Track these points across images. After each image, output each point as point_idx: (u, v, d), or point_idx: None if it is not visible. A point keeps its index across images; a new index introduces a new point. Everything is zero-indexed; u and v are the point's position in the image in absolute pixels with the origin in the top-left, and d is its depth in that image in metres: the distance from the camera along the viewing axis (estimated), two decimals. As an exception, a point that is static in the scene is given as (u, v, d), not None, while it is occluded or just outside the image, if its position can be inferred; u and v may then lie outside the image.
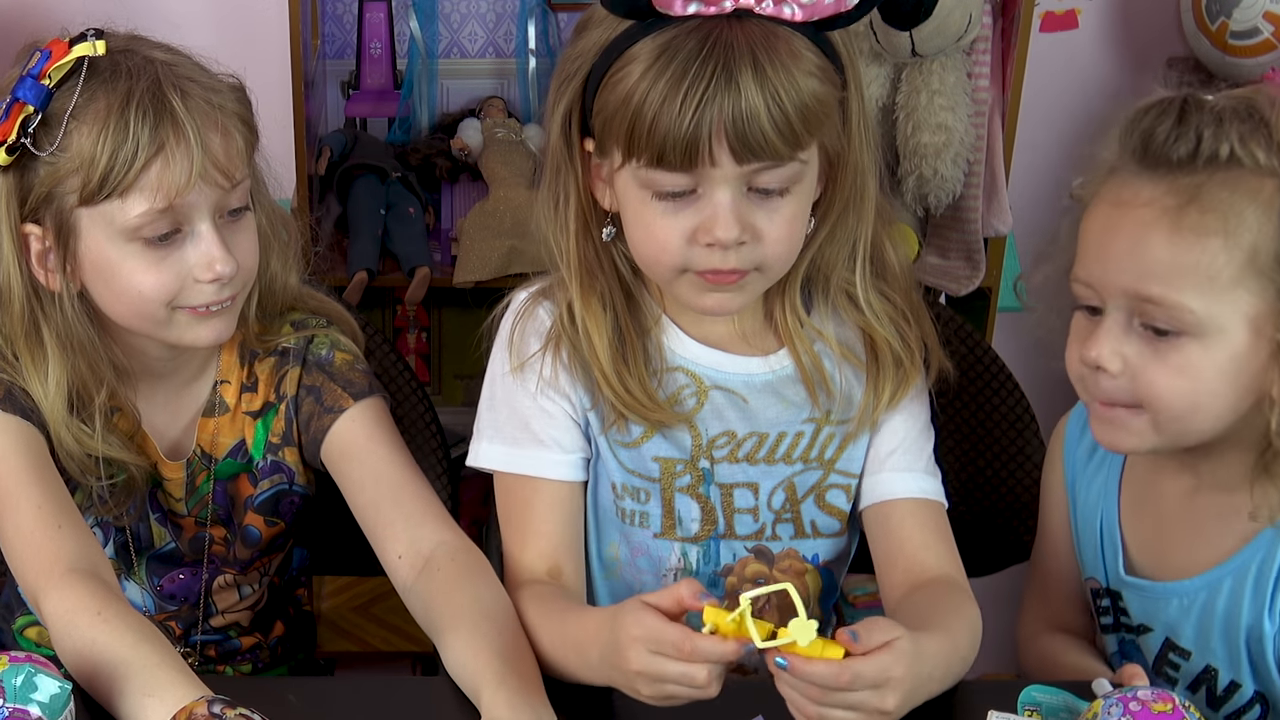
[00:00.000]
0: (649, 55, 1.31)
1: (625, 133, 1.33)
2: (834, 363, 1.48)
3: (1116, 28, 2.36)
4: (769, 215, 1.36)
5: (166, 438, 1.54)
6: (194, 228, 1.41)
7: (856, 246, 1.45)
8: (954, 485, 1.59)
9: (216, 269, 1.41)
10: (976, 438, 1.72)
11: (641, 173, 1.34)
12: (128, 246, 1.40)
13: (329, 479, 1.54)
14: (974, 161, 2.17)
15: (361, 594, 2.53)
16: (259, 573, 1.62)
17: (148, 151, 1.36)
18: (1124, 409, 1.32)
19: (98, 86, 1.38)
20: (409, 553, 1.43)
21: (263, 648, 1.64)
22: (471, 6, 2.36)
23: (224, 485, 1.56)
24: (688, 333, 1.47)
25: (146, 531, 1.56)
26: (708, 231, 1.34)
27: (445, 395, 2.49)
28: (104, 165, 1.36)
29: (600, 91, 1.35)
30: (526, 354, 1.46)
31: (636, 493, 1.48)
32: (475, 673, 1.30)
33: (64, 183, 1.39)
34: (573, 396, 1.46)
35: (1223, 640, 1.35)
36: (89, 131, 1.37)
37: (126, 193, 1.37)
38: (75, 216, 1.40)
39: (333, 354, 1.55)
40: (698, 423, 1.47)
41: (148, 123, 1.36)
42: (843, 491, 1.50)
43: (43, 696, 1.17)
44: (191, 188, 1.38)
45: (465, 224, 2.26)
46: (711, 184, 1.33)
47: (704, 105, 1.29)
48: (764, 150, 1.31)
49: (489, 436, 1.48)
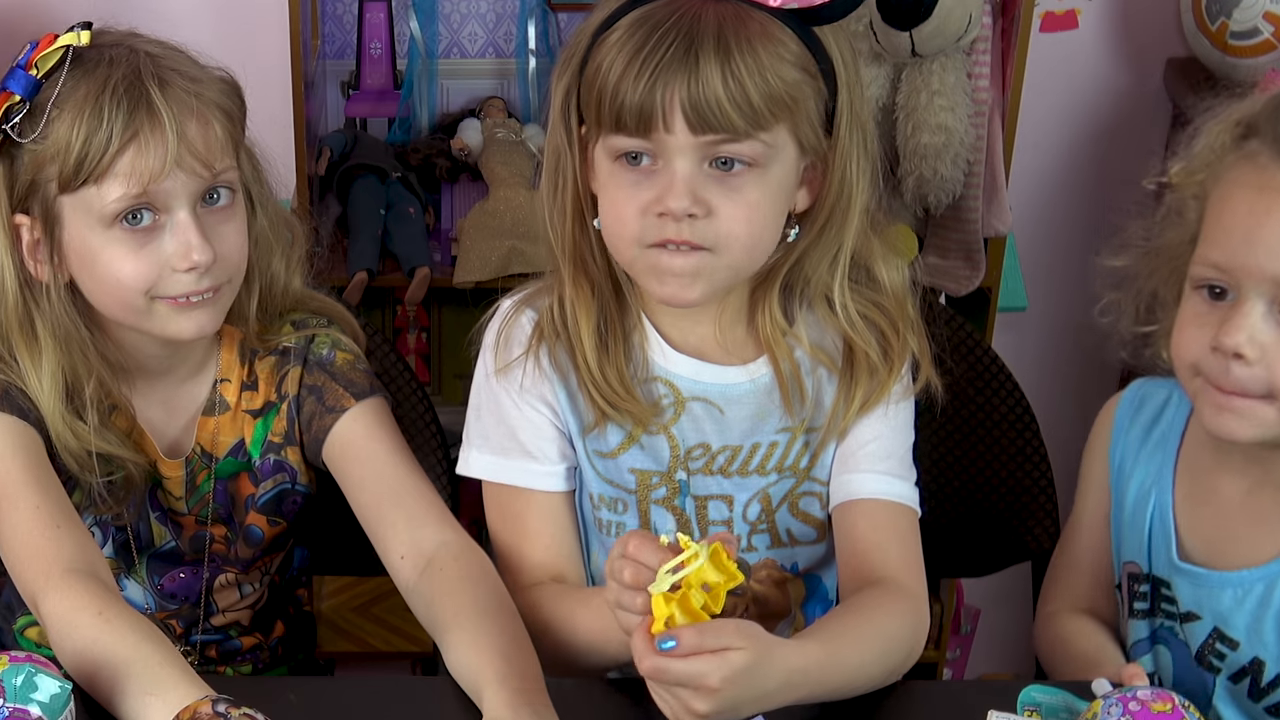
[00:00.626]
0: (624, 28, 1.35)
1: (594, 102, 1.36)
2: (808, 370, 1.47)
3: (1116, 28, 2.36)
4: (727, 194, 1.36)
5: (165, 436, 1.54)
6: (172, 216, 1.41)
7: (839, 254, 1.45)
8: (954, 485, 1.59)
9: (193, 257, 1.41)
10: (976, 438, 1.72)
11: (608, 140, 1.37)
12: (107, 233, 1.40)
13: (329, 478, 1.54)
14: (974, 162, 2.17)
15: (361, 594, 2.53)
16: (260, 572, 1.62)
17: (122, 137, 1.38)
18: (1254, 399, 1.30)
19: (80, 76, 1.40)
20: (411, 553, 1.43)
21: (263, 648, 1.64)
22: (471, 6, 2.36)
23: (224, 484, 1.56)
24: (668, 339, 1.47)
25: (147, 530, 1.56)
26: (660, 201, 1.35)
27: (445, 395, 2.49)
28: (79, 151, 1.38)
29: (584, 69, 1.38)
30: (509, 359, 1.47)
31: (614, 503, 1.49)
32: (477, 672, 1.30)
33: (45, 170, 1.40)
34: (555, 405, 1.46)
35: (1275, 633, 1.35)
36: (68, 119, 1.38)
37: (102, 179, 1.38)
38: (58, 205, 1.41)
39: (334, 354, 1.55)
40: (675, 433, 1.47)
41: (122, 109, 1.38)
42: (816, 499, 1.50)
43: (43, 696, 1.17)
44: (166, 174, 1.38)
45: (465, 224, 2.26)
46: (670, 154, 1.35)
47: (659, 72, 1.32)
48: (719, 123, 1.33)
49: (477, 445, 1.49)
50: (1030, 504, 1.72)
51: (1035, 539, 1.72)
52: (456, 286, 2.22)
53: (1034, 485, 1.72)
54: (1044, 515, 1.72)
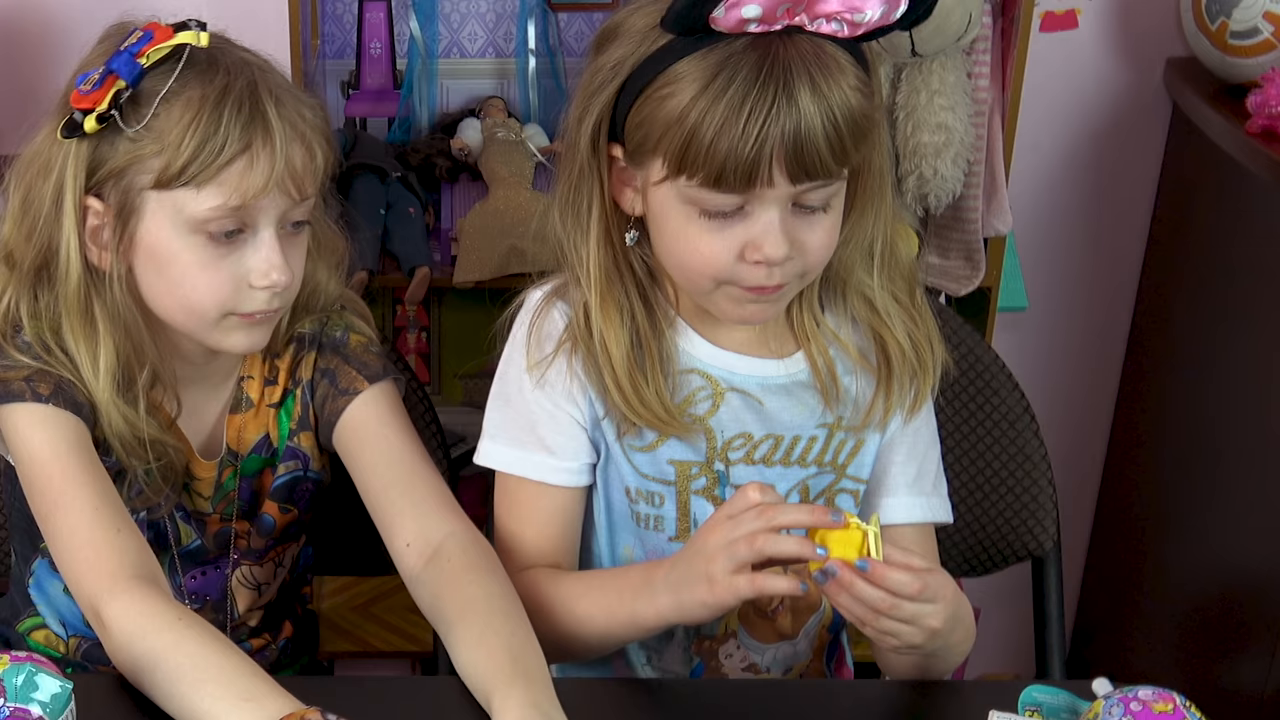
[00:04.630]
0: (703, 74, 1.30)
1: (678, 152, 1.31)
2: (847, 367, 1.48)
3: (1116, 28, 2.36)
4: (811, 228, 1.36)
5: (199, 436, 1.54)
6: (257, 233, 1.41)
7: (874, 247, 1.45)
8: (954, 485, 1.59)
9: (273, 277, 1.40)
10: (976, 438, 1.72)
11: (690, 190, 1.33)
12: (190, 238, 1.39)
13: (341, 470, 1.53)
14: (974, 161, 2.17)
15: (361, 594, 2.54)
16: (274, 563, 1.61)
17: (235, 148, 1.36)
18: None
19: (193, 76, 1.38)
20: (417, 541, 1.42)
21: (272, 648, 1.64)
22: (471, 6, 2.36)
23: (249, 481, 1.56)
24: (703, 335, 1.46)
25: (174, 529, 1.55)
26: (757, 249, 1.34)
27: (445, 395, 2.49)
28: (189, 153, 1.36)
29: (640, 104, 1.34)
30: (541, 355, 1.45)
31: (651, 497, 1.48)
32: (487, 674, 1.29)
33: (143, 163, 1.38)
34: (582, 404, 1.45)
35: None
36: (179, 116, 1.37)
37: (204, 185, 1.37)
38: (143, 198, 1.39)
39: (347, 336, 1.55)
40: (713, 425, 1.46)
41: (240, 119, 1.37)
42: (851, 496, 1.50)
43: (44, 696, 1.17)
44: (267, 192, 1.38)
45: (465, 224, 2.26)
46: (762, 203, 1.33)
47: (767, 127, 1.28)
48: (817, 169, 1.31)
49: (493, 436, 1.48)
50: (1030, 504, 1.72)
51: (1035, 539, 1.73)
52: (456, 286, 2.22)
53: (1034, 485, 1.72)
54: (1044, 515, 1.72)
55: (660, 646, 1.52)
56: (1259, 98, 2.07)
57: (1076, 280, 2.52)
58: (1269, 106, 2.05)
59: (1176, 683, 1.39)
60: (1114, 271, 2.51)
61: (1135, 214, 2.47)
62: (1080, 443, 2.61)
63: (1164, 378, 2.45)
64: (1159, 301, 2.47)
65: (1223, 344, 2.26)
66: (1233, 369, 2.23)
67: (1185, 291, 2.38)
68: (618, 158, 1.39)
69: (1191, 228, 2.36)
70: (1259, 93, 2.07)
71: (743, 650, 1.52)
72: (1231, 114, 2.13)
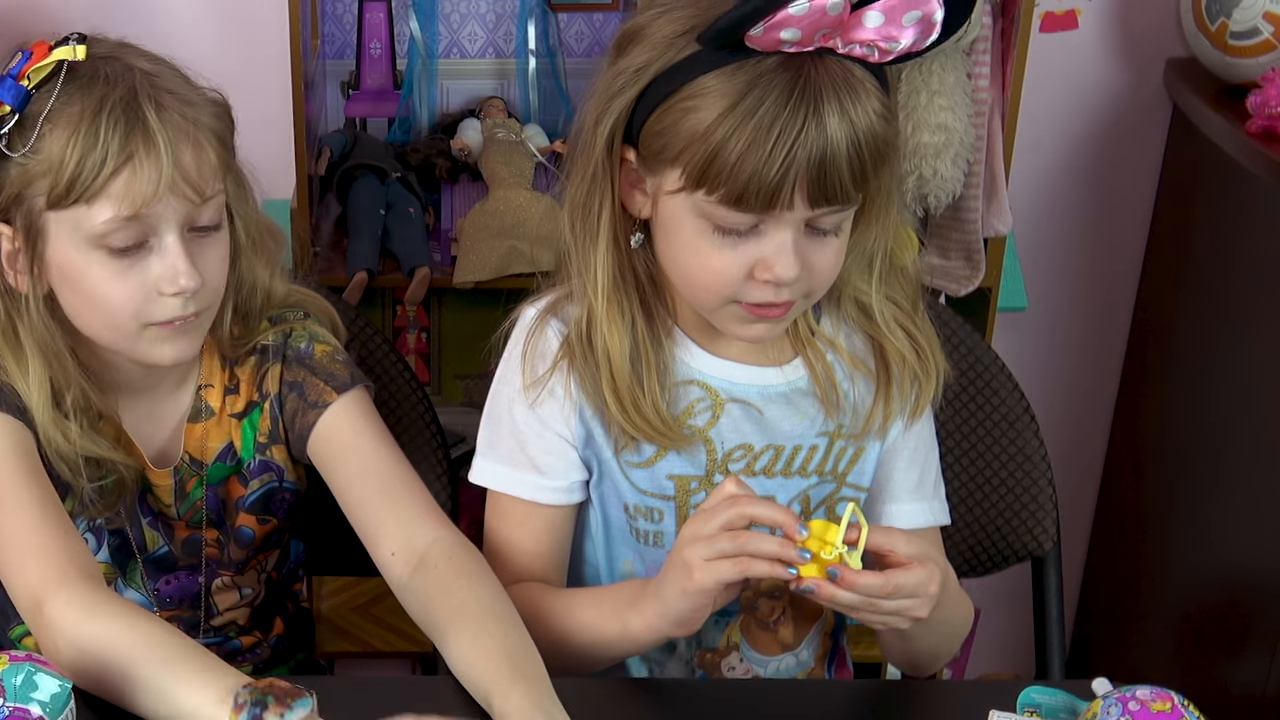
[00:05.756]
0: (732, 91, 1.29)
1: (699, 167, 1.31)
2: (845, 374, 1.47)
3: (1116, 28, 2.36)
4: (821, 250, 1.35)
5: (152, 445, 1.54)
6: (160, 240, 1.40)
7: (875, 258, 1.44)
8: (954, 486, 1.59)
9: (180, 282, 1.39)
10: (976, 438, 1.72)
11: (707, 206, 1.32)
12: (93, 254, 1.39)
13: (319, 475, 1.53)
14: (974, 161, 2.17)
15: (361, 594, 2.53)
16: (256, 571, 1.61)
17: (117, 160, 1.36)
18: None
19: (74, 91, 1.38)
20: (402, 549, 1.42)
21: (263, 645, 1.64)
22: (471, 6, 2.36)
23: (214, 490, 1.56)
24: (701, 345, 1.46)
25: (140, 535, 1.55)
26: (768, 268, 1.33)
27: (445, 395, 2.49)
28: (72, 170, 1.36)
29: (662, 113, 1.33)
30: (534, 376, 1.45)
31: (650, 512, 1.47)
32: (486, 676, 1.29)
33: (34, 184, 1.38)
34: (574, 424, 1.45)
35: None
36: (61, 135, 1.36)
37: (93, 199, 1.37)
38: (44, 219, 1.39)
39: (312, 346, 1.54)
40: (713, 436, 1.46)
41: (118, 131, 1.36)
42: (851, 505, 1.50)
43: (43, 695, 1.17)
44: (159, 199, 1.37)
45: (465, 224, 2.26)
46: (778, 224, 1.32)
47: (795, 151, 1.27)
48: (837, 195, 1.31)
49: (484, 454, 1.48)
50: (1030, 504, 1.72)
51: (1035, 539, 1.73)
52: (456, 286, 2.22)
53: (1034, 485, 1.72)
54: (1044, 515, 1.72)
55: (662, 659, 1.52)
56: (1259, 98, 2.07)
57: (1076, 280, 2.52)
58: (1269, 107, 2.05)
59: (1177, 683, 1.39)
60: (1114, 272, 2.51)
61: (1135, 214, 2.47)
62: (1080, 443, 2.61)
63: (1164, 378, 2.45)
64: (1159, 301, 2.47)
65: (1223, 344, 2.26)
66: (1233, 369, 2.23)
67: (1185, 291, 2.38)
68: (629, 160, 1.38)
69: (1191, 228, 2.36)
70: (1259, 93, 2.07)
71: (745, 663, 1.52)
72: (1231, 114, 2.13)
